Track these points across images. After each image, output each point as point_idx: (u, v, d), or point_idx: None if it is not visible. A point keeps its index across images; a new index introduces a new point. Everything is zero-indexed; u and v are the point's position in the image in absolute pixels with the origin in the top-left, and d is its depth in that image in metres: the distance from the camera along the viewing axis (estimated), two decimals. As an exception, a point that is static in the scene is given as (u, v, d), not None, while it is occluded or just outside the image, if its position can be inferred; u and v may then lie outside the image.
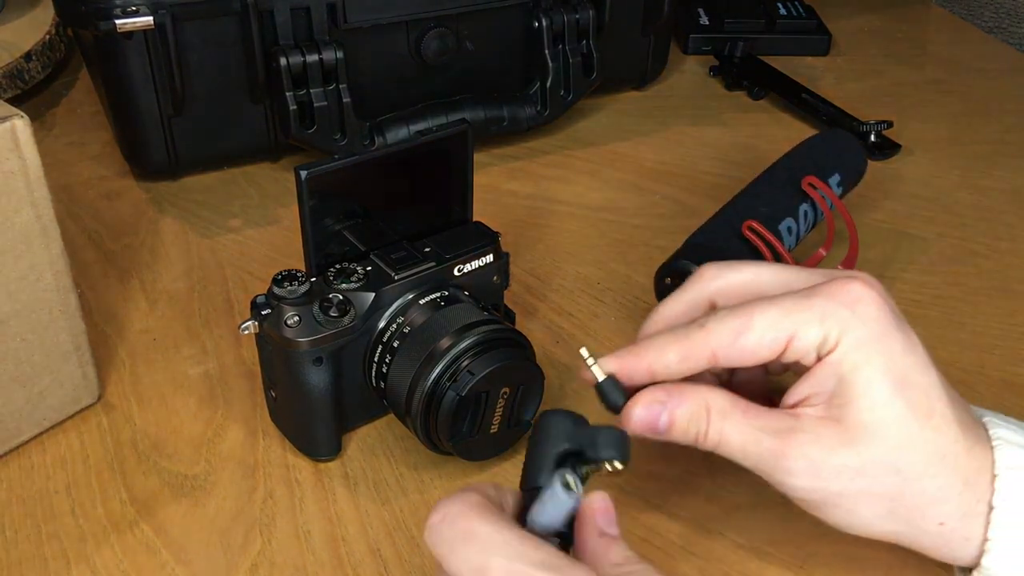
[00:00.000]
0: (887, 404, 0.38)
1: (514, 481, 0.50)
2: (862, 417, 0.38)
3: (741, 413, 0.40)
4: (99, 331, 0.59)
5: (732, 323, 0.40)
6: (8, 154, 0.45)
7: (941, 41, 0.98)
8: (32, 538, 0.47)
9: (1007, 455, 0.39)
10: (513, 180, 0.74)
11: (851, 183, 0.67)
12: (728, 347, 0.40)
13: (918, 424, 0.38)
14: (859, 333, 0.39)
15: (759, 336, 0.39)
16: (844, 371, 0.38)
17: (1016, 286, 0.64)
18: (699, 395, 0.40)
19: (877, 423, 0.38)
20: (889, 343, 0.39)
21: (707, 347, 0.40)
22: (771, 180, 0.64)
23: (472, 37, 0.74)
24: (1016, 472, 0.38)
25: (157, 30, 0.65)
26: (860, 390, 0.38)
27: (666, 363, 0.40)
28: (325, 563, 0.46)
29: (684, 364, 0.40)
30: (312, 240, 0.48)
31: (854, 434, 0.38)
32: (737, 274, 0.43)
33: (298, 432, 0.51)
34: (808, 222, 0.63)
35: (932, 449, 0.38)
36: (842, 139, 0.68)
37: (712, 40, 0.92)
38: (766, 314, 0.39)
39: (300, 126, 0.69)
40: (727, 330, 0.40)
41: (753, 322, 0.39)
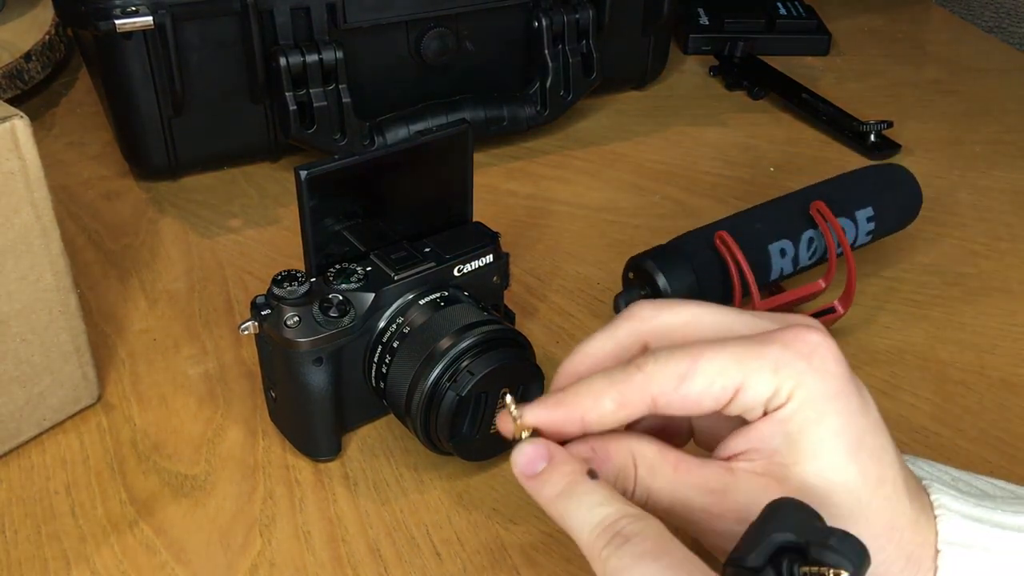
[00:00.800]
0: (839, 468, 0.34)
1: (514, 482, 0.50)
2: (808, 481, 0.34)
3: (671, 468, 0.35)
4: (99, 331, 0.59)
5: (675, 367, 0.35)
6: (8, 154, 0.45)
7: (941, 41, 0.98)
8: (32, 538, 0.47)
9: (949, 528, 0.36)
10: (513, 180, 0.74)
11: (891, 223, 0.62)
12: (670, 394, 0.35)
13: (869, 492, 0.35)
14: (814, 388, 0.34)
15: (705, 384, 0.35)
16: (792, 429, 0.34)
17: (1016, 286, 0.64)
18: (626, 448, 0.36)
19: (823, 489, 0.34)
20: (845, 401, 0.35)
21: (647, 393, 0.35)
22: (785, 199, 0.61)
23: (472, 37, 0.74)
24: (957, 548, 0.36)
25: (157, 30, 0.65)
26: (809, 451, 0.34)
27: (601, 413, 0.35)
28: (325, 563, 0.46)
29: (621, 412, 0.35)
30: (312, 240, 0.48)
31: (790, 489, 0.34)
32: (674, 315, 0.38)
33: (298, 432, 0.51)
34: (815, 250, 0.60)
35: (880, 521, 0.35)
36: (898, 175, 0.63)
37: (712, 40, 0.92)
38: (714, 359, 0.35)
39: (300, 126, 0.69)
40: (669, 375, 0.35)
41: (698, 367, 0.35)
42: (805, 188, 0.62)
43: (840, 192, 0.61)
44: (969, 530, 0.36)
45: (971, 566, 0.36)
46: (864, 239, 0.61)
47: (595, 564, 0.32)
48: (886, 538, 0.35)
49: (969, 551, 0.36)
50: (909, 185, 0.63)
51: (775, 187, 0.73)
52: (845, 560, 0.30)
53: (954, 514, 0.36)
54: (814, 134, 0.81)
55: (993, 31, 1.00)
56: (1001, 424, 0.54)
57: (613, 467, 0.36)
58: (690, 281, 0.56)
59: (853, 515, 0.34)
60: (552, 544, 0.47)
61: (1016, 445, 0.52)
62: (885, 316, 0.61)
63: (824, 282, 0.59)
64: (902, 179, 0.63)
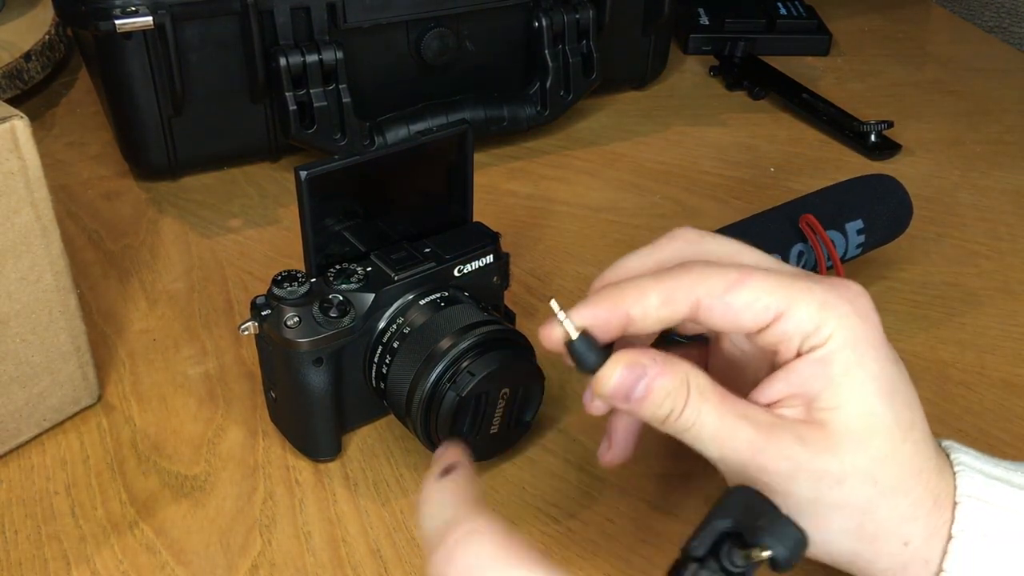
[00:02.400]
0: (876, 413, 0.36)
1: (514, 482, 0.50)
2: (850, 424, 0.35)
3: (719, 398, 0.35)
4: (99, 331, 0.59)
5: (724, 275, 0.35)
6: (8, 154, 0.45)
7: (941, 41, 0.98)
8: (32, 539, 0.47)
9: (968, 482, 0.37)
10: (513, 180, 0.74)
11: (880, 235, 0.61)
12: (716, 298, 0.35)
13: (901, 436, 0.36)
14: (856, 331, 0.36)
15: (751, 297, 0.35)
16: (835, 371, 0.35)
17: (1016, 286, 0.64)
18: (681, 369, 0.35)
19: (864, 431, 0.35)
20: (883, 349, 0.36)
21: (693, 292, 0.35)
22: (774, 212, 0.60)
23: (472, 37, 0.74)
24: (975, 501, 0.37)
25: (157, 30, 0.65)
26: (850, 394, 0.35)
27: (646, 307, 0.36)
28: (325, 564, 0.46)
29: (665, 309, 0.36)
30: (312, 240, 0.48)
31: (839, 440, 0.35)
32: (718, 245, 0.39)
33: (298, 433, 0.51)
34: (804, 264, 0.58)
35: (910, 464, 0.36)
36: (887, 186, 0.62)
37: (712, 40, 0.92)
38: (764, 279, 0.35)
39: (300, 126, 0.69)
40: (718, 280, 0.35)
41: (748, 280, 0.35)
42: (793, 200, 0.60)
43: (829, 204, 0.60)
44: (987, 486, 0.37)
45: (987, 520, 0.37)
46: (854, 252, 0.60)
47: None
48: (915, 479, 0.36)
49: (986, 505, 0.37)
50: (899, 196, 0.62)
51: (775, 187, 0.73)
52: (777, 543, 0.31)
53: (974, 471, 0.37)
54: (814, 134, 0.81)
55: (993, 31, 1.00)
56: (1001, 424, 0.54)
57: (668, 383, 0.35)
58: None
59: (884, 457, 0.36)
60: (552, 544, 0.47)
61: (1017, 445, 0.52)
62: (885, 316, 0.60)
63: None
64: (892, 190, 0.62)
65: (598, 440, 0.43)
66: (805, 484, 0.35)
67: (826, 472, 0.35)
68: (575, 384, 0.56)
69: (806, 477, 0.35)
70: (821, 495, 0.36)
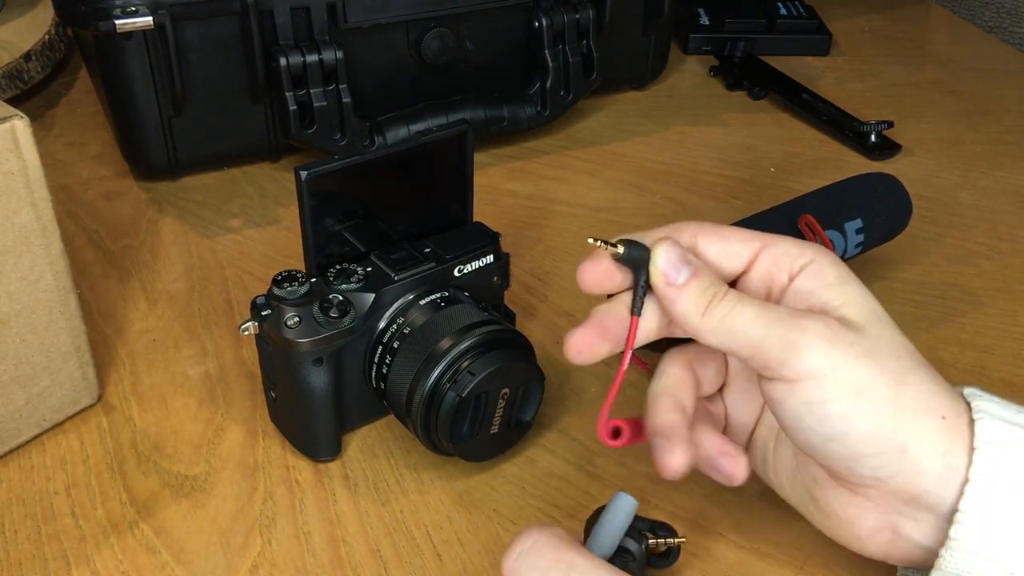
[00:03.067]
0: (878, 311, 0.40)
1: (514, 482, 0.50)
2: (864, 316, 0.39)
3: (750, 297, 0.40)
4: (99, 331, 0.59)
5: (715, 224, 0.42)
6: (8, 154, 0.45)
7: (941, 41, 0.98)
8: (32, 539, 0.47)
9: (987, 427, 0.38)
10: (513, 180, 0.74)
11: (880, 233, 0.61)
12: (710, 231, 0.42)
13: (903, 336, 0.40)
14: (831, 257, 0.40)
15: (736, 232, 0.42)
16: (831, 280, 0.40)
17: (1016, 286, 0.64)
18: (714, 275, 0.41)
19: (874, 320, 0.39)
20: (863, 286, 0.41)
21: (689, 227, 0.42)
22: (772, 213, 0.60)
23: (472, 37, 0.74)
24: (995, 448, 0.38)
25: (157, 30, 0.65)
26: (852, 294, 0.40)
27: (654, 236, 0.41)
28: (325, 564, 0.46)
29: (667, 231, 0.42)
30: (312, 240, 0.48)
31: (859, 325, 0.39)
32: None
33: (298, 433, 0.51)
34: None
35: (918, 356, 0.40)
36: (888, 184, 0.62)
37: (712, 40, 0.92)
38: (747, 229, 0.42)
39: (300, 126, 0.69)
40: (710, 224, 0.42)
41: (734, 227, 0.42)
42: (792, 200, 0.60)
43: (828, 204, 0.60)
44: (1007, 432, 0.38)
45: (1007, 466, 0.37)
46: (854, 251, 0.60)
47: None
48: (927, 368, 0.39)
49: (1007, 451, 0.37)
50: (898, 194, 0.62)
51: (775, 187, 0.73)
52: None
53: (994, 417, 0.38)
54: (814, 134, 0.81)
55: (993, 31, 1.00)
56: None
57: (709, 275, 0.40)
58: None
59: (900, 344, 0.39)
60: (552, 544, 0.47)
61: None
62: (885, 316, 0.61)
63: None
64: (891, 188, 0.62)
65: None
66: (839, 360, 0.37)
67: (854, 341, 0.38)
68: (575, 384, 0.56)
69: (840, 351, 0.38)
70: (854, 364, 0.38)
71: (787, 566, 0.46)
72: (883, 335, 0.39)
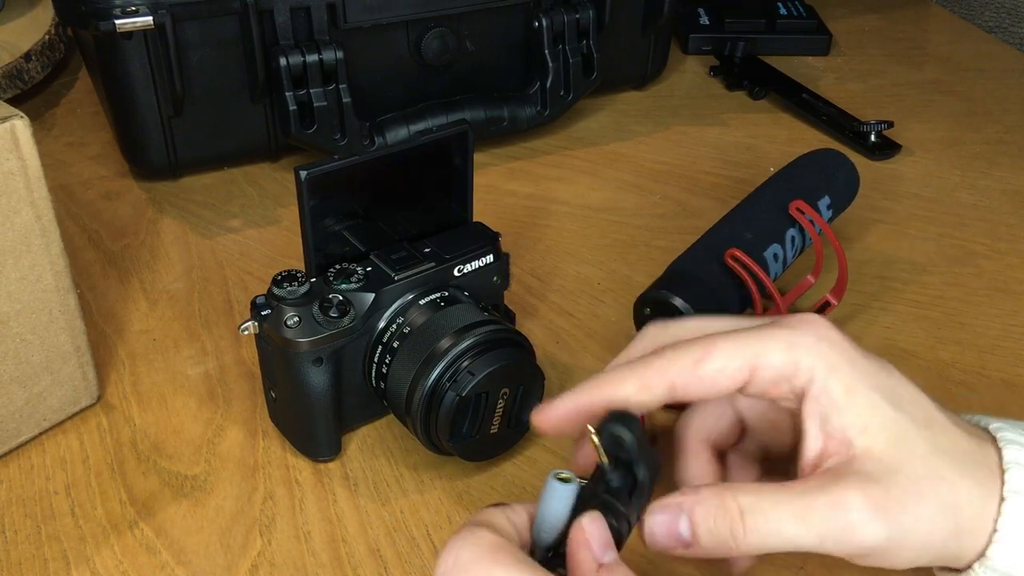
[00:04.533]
0: (896, 415, 0.37)
1: (514, 482, 0.50)
2: (887, 435, 0.37)
3: (769, 491, 0.36)
4: (99, 331, 0.59)
5: (692, 351, 0.38)
6: (8, 154, 0.45)
7: (941, 41, 0.98)
8: (32, 539, 0.47)
9: (1013, 452, 0.38)
10: (513, 180, 0.74)
11: (842, 205, 0.65)
12: (688, 375, 0.37)
13: (926, 424, 0.38)
14: (831, 357, 0.37)
15: (721, 363, 0.37)
16: (838, 398, 0.37)
17: (1016, 286, 0.64)
18: (716, 487, 0.37)
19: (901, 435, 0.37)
20: (862, 361, 0.38)
21: (666, 375, 0.38)
22: (758, 203, 0.61)
23: (472, 37, 0.74)
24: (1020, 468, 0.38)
25: (157, 30, 0.65)
26: (867, 408, 0.37)
27: (624, 394, 0.38)
28: (325, 564, 0.46)
29: (643, 394, 0.38)
30: (312, 240, 0.48)
31: (888, 456, 0.36)
32: (683, 326, 0.41)
33: (298, 432, 0.51)
34: (796, 248, 0.60)
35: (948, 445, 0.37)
36: (834, 159, 0.66)
37: (712, 40, 0.92)
38: (728, 341, 0.38)
39: (300, 126, 0.69)
40: (686, 358, 0.37)
41: (715, 348, 0.37)
42: (767, 187, 0.63)
43: (802, 186, 0.62)
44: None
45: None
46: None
47: None
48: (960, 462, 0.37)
49: None
50: (847, 167, 0.65)
51: (775, 187, 0.73)
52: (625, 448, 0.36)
53: (1017, 445, 0.37)
54: (814, 134, 0.81)
55: (993, 31, 1.00)
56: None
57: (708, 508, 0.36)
58: (712, 303, 0.55)
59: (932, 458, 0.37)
60: (552, 544, 0.47)
61: (1016, 445, 0.52)
62: (885, 316, 0.61)
63: (812, 277, 0.60)
64: (841, 162, 0.66)
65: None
66: (895, 520, 0.36)
67: (901, 495, 0.36)
68: (575, 384, 0.55)
69: (893, 513, 0.36)
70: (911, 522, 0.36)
71: (787, 566, 0.46)
72: (915, 453, 0.36)
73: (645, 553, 0.46)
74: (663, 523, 0.36)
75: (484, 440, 0.48)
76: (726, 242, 0.57)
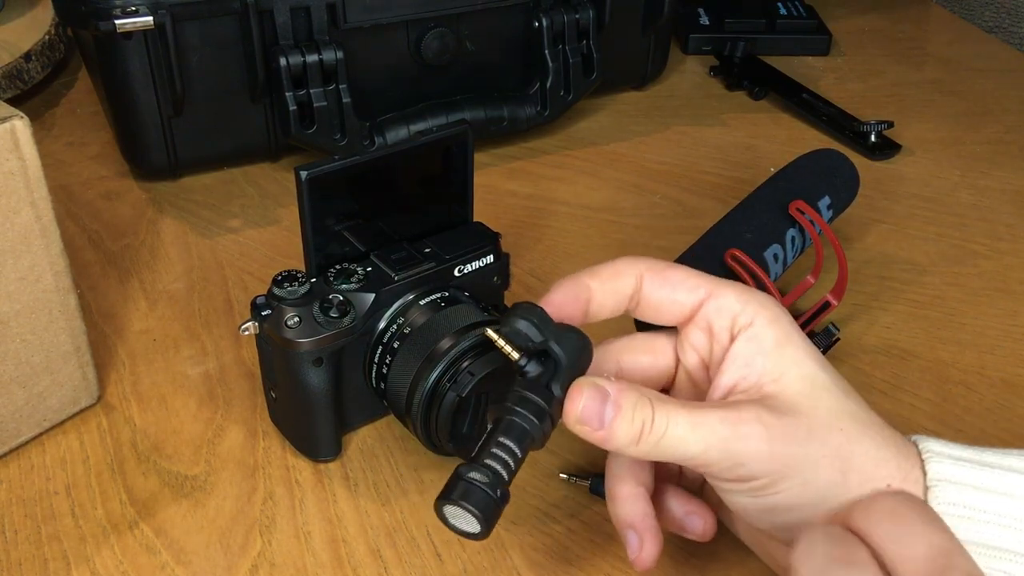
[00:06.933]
0: (816, 375, 0.39)
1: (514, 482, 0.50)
2: (796, 386, 0.38)
3: (680, 404, 0.38)
4: (99, 331, 0.59)
5: (663, 262, 0.42)
6: (8, 154, 0.45)
7: (941, 41, 0.98)
8: (32, 539, 0.47)
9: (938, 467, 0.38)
10: (513, 180, 0.74)
11: (842, 205, 0.65)
12: (656, 275, 0.41)
13: (844, 394, 0.39)
14: (774, 313, 0.40)
15: (684, 275, 0.41)
16: (768, 346, 0.39)
17: (1016, 286, 0.64)
18: (635, 386, 0.38)
19: (811, 389, 0.38)
20: (803, 338, 0.40)
21: (637, 267, 0.41)
22: (758, 203, 0.61)
23: (472, 37, 0.74)
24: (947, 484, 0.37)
25: (157, 30, 0.65)
26: (789, 362, 0.39)
27: (601, 279, 0.41)
28: (325, 564, 0.46)
29: (617, 281, 0.41)
30: (312, 240, 0.48)
31: (792, 401, 0.38)
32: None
33: (298, 433, 0.51)
34: (796, 248, 0.60)
35: (866, 417, 0.39)
36: (834, 159, 0.65)
37: (712, 40, 0.92)
38: (692, 272, 0.41)
39: (300, 126, 0.69)
40: (658, 264, 0.41)
41: (684, 268, 0.41)
42: (767, 187, 0.62)
43: (802, 186, 0.62)
44: (957, 467, 0.38)
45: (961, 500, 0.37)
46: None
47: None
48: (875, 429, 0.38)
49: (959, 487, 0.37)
50: (847, 167, 0.65)
51: (775, 187, 0.73)
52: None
53: (942, 456, 0.38)
54: (814, 134, 0.81)
55: (993, 31, 1.00)
56: (1002, 425, 0.54)
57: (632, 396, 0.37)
58: None
59: (842, 410, 0.38)
60: (552, 544, 0.47)
61: (1017, 445, 0.52)
62: (885, 316, 0.61)
63: (812, 277, 0.60)
64: (841, 163, 0.65)
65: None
66: (780, 448, 0.37)
67: (794, 430, 0.37)
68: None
69: (780, 440, 0.37)
70: (797, 454, 0.37)
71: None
72: (820, 405, 0.38)
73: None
74: (591, 398, 0.37)
75: (484, 440, 0.48)
76: (726, 242, 0.57)
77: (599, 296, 0.41)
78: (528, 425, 0.37)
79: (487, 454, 0.37)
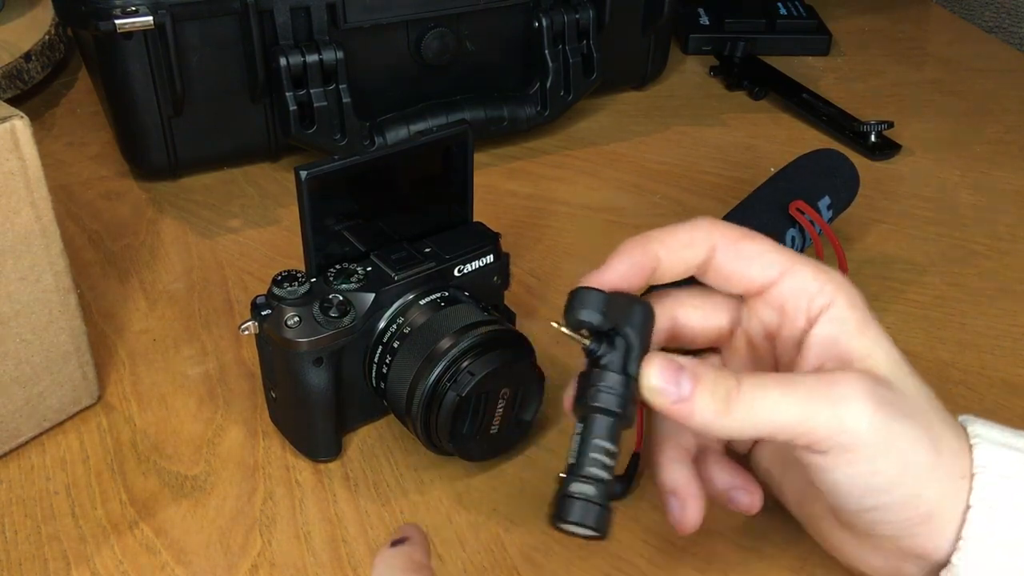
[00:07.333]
0: (901, 357, 0.38)
1: (514, 482, 0.50)
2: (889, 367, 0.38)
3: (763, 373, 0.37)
4: (99, 331, 0.59)
5: (739, 228, 0.40)
6: (8, 154, 0.45)
7: (941, 41, 0.98)
8: (32, 539, 0.47)
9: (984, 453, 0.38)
10: (513, 180, 0.74)
11: (842, 205, 0.65)
12: (730, 243, 0.39)
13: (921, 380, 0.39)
14: (853, 296, 0.39)
15: (761, 249, 0.39)
16: (854, 328, 0.38)
17: (1017, 286, 0.64)
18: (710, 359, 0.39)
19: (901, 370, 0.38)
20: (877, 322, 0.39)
21: (711, 236, 0.39)
22: (758, 203, 0.61)
23: (472, 37, 0.74)
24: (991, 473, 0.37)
25: (157, 30, 0.65)
26: (874, 344, 0.38)
27: (671, 246, 0.39)
28: (325, 564, 0.46)
29: (687, 251, 0.39)
30: (312, 240, 0.48)
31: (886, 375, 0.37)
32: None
33: (298, 433, 0.51)
34: (796, 248, 0.59)
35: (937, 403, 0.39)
36: (834, 159, 0.66)
37: (712, 40, 0.92)
38: (769, 244, 0.40)
39: (300, 126, 0.69)
40: (732, 231, 0.39)
41: (758, 236, 0.39)
42: (767, 187, 0.62)
43: (802, 186, 0.62)
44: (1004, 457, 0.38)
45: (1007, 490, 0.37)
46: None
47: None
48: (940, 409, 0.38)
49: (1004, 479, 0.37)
50: (847, 167, 0.65)
51: (775, 187, 0.73)
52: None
53: (989, 442, 0.38)
54: (814, 134, 0.81)
55: (993, 31, 1.00)
56: (1002, 424, 0.54)
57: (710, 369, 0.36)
58: None
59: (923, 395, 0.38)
60: (552, 544, 0.47)
61: (1016, 445, 0.52)
62: (885, 316, 0.61)
63: None
64: (840, 162, 0.65)
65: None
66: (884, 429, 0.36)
67: (899, 401, 0.36)
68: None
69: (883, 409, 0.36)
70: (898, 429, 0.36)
71: (787, 566, 0.46)
72: (909, 387, 0.38)
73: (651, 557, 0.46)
74: (666, 369, 0.36)
75: (484, 440, 0.48)
76: None
77: (666, 264, 0.40)
78: (615, 417, 0.37)
79: (587, 460, 0.37)
